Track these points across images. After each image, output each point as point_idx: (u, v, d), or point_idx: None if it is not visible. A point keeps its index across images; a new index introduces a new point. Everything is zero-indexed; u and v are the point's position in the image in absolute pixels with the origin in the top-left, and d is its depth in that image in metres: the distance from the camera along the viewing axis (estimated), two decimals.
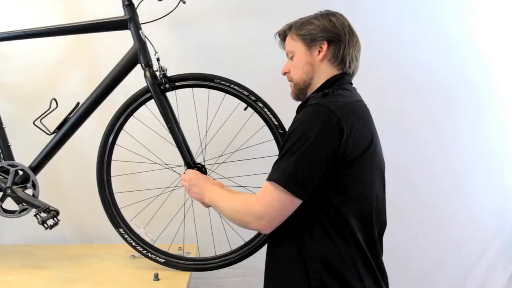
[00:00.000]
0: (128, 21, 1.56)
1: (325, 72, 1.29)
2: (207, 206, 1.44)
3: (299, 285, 1.22)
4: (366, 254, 1.23)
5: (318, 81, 1.30)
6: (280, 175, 1.16)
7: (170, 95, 1.61)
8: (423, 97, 2.07)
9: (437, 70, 2.06)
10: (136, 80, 1.57)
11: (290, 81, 1.38)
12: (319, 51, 1.28)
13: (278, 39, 1.43)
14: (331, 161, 1.15)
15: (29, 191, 1.65)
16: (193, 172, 1.46)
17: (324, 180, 1.17)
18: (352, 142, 1.15)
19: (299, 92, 1.33)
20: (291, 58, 1.35)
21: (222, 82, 1.57)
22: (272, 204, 1.17)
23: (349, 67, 1.30)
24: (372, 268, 1.24)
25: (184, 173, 1.50)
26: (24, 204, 1.63)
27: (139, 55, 1.56)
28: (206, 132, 1.76)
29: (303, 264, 1.22)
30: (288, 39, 1.36)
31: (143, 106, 1.62)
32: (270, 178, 1.18)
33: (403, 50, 2.03)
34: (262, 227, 1.21)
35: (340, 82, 1.27)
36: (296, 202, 1.17)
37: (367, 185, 1.23)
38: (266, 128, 1.59)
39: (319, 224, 1.20)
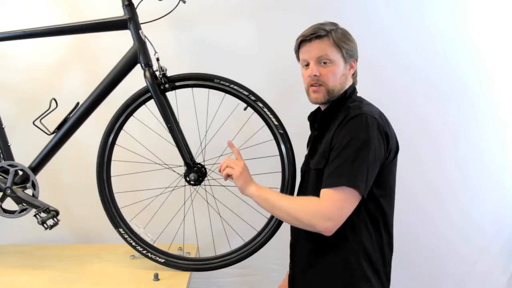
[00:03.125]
0: (128, 21, 1.56)
1: (348, 84, 1.43)
2: (246, 194, 1.41)
3: (341, 276, 1.34)
4: (392, 241, 1.40)
5: (343, 91, 1.41)
6: (350, 178, 1.24)
7: (170, 95, 1.61)
8: (418, 102, 2.05)
9: (434, 75, 2.04)
10: (136, 80, 1.57)
11: (316, 84, 1.38)
12: (350, 66, 1.41)
13: (309, 31, 1.38)
14: (383, 160, 1.31)
15: (29, 191, 1.65)
16: (243, 163, 1.43)
17: None
18: (391, 144, 1.33)
19: (330, 97, 1.39)
20: (324, 62, 1.37)
21: (222, 82, 1.57)
22: (343, 206, 1.26)
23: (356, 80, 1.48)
24: (392, 252, 1.41)
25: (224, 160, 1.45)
26: (24, 204, 1.63)
27: (138, 55, 1.56)
28: (206, 132, 1.76)
29: (345, 257, 1.33)
30: (328, 42, 1.36)
31: (143, 106, 1.62)
32: (337, 184, 1.25)
33: (396, 55, 2.01)
34: (328, 229, 1.27)
35: (356, 91, 1.45)
36: (359, 201, 1.27)
37: (395, 182, 1.42)
38: (266, 128, 1.59)
39: (360, 218, 1.32)
